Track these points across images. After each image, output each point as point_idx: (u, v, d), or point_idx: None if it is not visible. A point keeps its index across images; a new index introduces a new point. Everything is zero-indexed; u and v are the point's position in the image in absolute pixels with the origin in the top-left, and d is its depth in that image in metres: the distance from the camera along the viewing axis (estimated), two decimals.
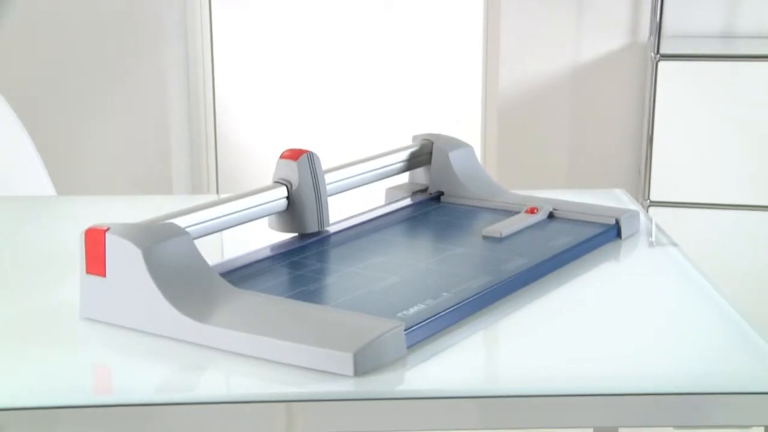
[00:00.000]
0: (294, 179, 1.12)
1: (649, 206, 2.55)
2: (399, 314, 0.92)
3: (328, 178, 1.18)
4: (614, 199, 1.38)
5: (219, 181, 3.28)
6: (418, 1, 3.27)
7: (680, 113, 2.51)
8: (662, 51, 2.50)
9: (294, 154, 1.13)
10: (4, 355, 0.90)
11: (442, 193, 1.30)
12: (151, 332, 0.92)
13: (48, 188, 2.00)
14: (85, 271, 0.95)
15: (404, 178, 1.35)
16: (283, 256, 1.09)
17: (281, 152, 1.14)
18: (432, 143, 1.31)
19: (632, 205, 1.34)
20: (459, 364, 0.88)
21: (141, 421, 0.82)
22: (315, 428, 0.82)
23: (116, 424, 0.82)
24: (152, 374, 0.87)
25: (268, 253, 1.10)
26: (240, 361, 0.87)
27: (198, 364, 0.88)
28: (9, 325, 0.96)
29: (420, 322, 0.90)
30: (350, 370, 0.83)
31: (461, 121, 3.27)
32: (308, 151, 1.13)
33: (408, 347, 0.88)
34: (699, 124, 2.51)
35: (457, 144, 1.31)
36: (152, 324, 0.92)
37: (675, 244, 1.18)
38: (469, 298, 0.96)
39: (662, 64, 2.49)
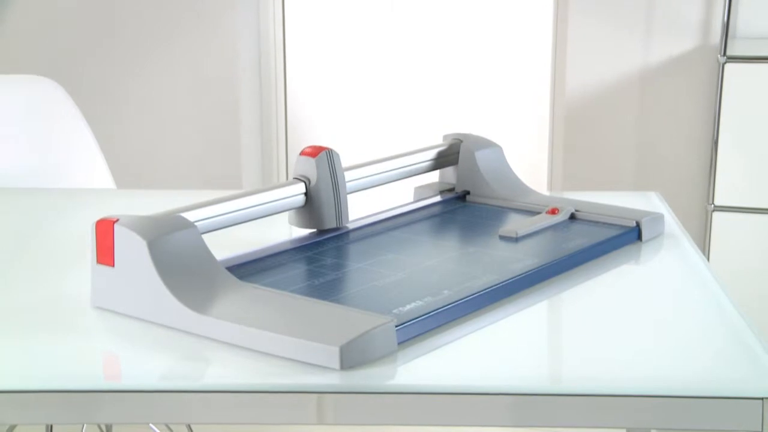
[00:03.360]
0: (312, 176, 1.14)
1: (713, 211, 2.51)
2: (395, 310, 0.93)
3: (350, 175, 1.20)
4: (647, 202, 1.37)
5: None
6: (488, 2, 3.27)
7: (746, 117, 2.46)
8: (729, 53, 2.46)
9: (314, 151, 1.14)
10: (20, 341, 0.93)
11: (468, 193, 1.30)
12: (156, 322, 0.95)
13: (108, 182, 2.05)
14: (95, 261, 0.98)
15: (435, 176, 1.36)
16: (298, 251, 1.11)
17: (301, 149, 1.16)
18: (461, 142, 1.32)
19: (662, 209, 1.32)
20: (451, 361, 0.88)
21: (140, 407, 0.85)
22: (299, 419, 0.84)
23: (115, 410, 0.85)
24: (155, 363, 0.90)
25: (284, 247, 1.12)
26: (236, 352, 0.89)
27: (196, 355, 0.90)
28: (22, 314, 1.00)
29: (413, 319, 0.91)
30: (336, 364, 0.85)
31: (530, 122, 3.26)
32: (328, 148, 1.14)
33: (400, 343, 0.89)
34: (766, 128, 2.45)
35: (484, 144, 1.31)
36: (156, 314, 0.95)
37: (696, 248, 1.17)
38: (468, 297, 0.96)
39: (728, 67, 2.44)
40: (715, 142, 2.50)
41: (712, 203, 2.51)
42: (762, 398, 0.81)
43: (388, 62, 3.36)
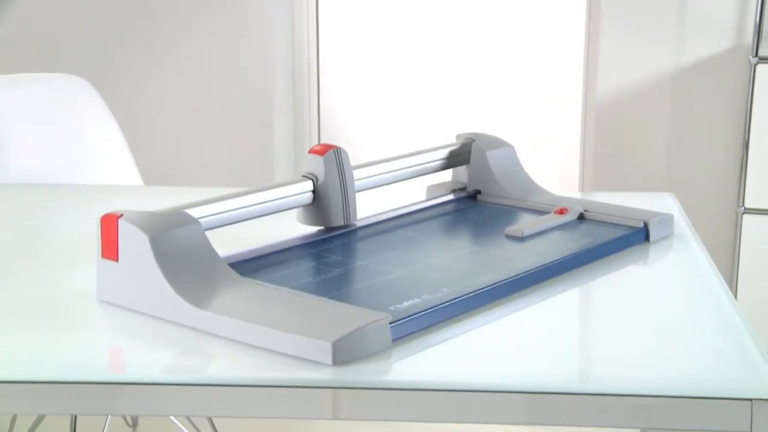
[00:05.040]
0: (320, 174, 1.15)
1: (743, 213, 2.49)
2: (391, 307, 0.93)
3: (359, 173, 1.20)
4: (661, 203, 1.36)
5: None
6: (521, 3, 3.26)
7: None
8: (761, 54, 2.44)
9: (322, 149, 1.15)
10: (28, 334, 0.95)
11: (479, 192, 1.31)
12: (158, 316, 0.97)
13: (135, 179, 2.08)
14: (101, 256, 1.00)
15: (449, 175, 1.37)
16: (304, 248, 1.12)
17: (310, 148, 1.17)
18: (473, 142, 1.32)
19: (675, 210, 1.32)
20: (446, 358, 0.88)
21: (141, 399, 0.86)
22: (292, 413, 0.85)
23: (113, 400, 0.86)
24: (156, 357, 0.91)
25: (290, 244, 1.13)
26: (233, 347, 0.90)
27: (195, 349, 0.91)
28: (30, 307, 1.02)
29: (409, 316, 0.91)
30: (329, 359, 0.86)
31: (562, 123, 3.25)
32: (336, 147, 1.15)
33: (395, 340, 0.90)
34: None
35: (496, 143, 1.32)
36: (158, 308, 0.96)
37: (704, 250, 1.16)
38: (466, 295, 0.97)
39: (760, 67, 2.42)
40: (746, 144, 2.47)
41: (743, 205, 2.49)
42: (751, 399, 0.80)
43: (425, 63, 3.37)
